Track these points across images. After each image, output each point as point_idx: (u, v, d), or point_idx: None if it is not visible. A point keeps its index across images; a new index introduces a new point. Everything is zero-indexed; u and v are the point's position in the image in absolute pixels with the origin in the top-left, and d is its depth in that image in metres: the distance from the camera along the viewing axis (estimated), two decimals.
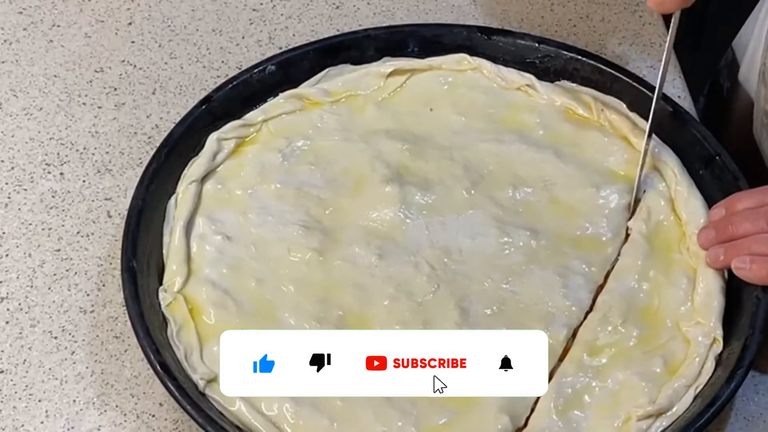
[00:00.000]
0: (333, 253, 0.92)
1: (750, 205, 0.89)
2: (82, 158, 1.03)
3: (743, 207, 0.90)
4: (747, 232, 0.88)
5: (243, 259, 0.92)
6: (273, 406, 0.84)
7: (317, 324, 0.88)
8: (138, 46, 1.12)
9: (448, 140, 1.00)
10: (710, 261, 0.90)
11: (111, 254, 0.97)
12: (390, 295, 0.90)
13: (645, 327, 0.88)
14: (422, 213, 0.95)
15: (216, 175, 0.97)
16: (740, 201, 0.90)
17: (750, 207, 0.89)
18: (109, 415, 0.88)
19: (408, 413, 0.84)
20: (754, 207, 0.89)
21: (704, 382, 0.85)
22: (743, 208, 0.89)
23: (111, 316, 0.93)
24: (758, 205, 0.89)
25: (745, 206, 0.89)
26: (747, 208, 0.89)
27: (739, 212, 0.90)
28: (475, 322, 0.88)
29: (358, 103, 1.03)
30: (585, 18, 1.15)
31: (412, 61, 1.04)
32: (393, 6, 1.16)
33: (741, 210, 0.90)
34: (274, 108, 1.01)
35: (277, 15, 1.15)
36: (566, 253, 0.92)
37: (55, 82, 1.09)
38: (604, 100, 1.02)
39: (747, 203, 0.90)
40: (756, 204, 0.89)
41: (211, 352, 0.87)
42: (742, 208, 0.90)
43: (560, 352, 0.88)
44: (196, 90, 1.08)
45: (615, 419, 0.84)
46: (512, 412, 0.84)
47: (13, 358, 0.91)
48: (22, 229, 0.98)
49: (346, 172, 0.98)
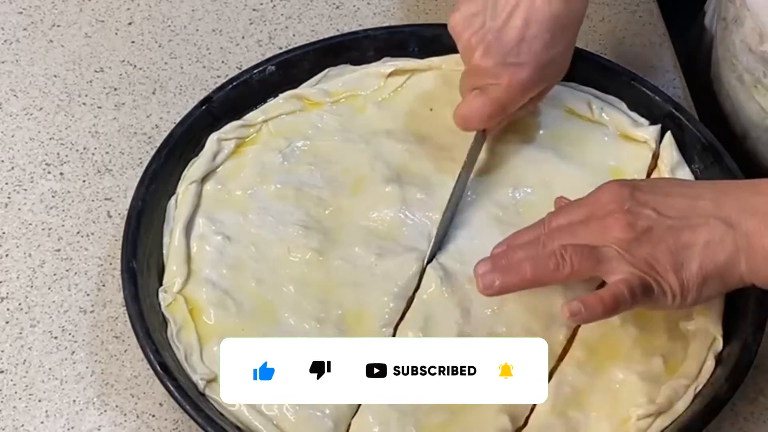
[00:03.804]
0: (333, 253, 0.92)
1: (529, 238, 0.85)
2: (82, 158, 1.03)
3: (522, 241, 0.85)
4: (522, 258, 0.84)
5: (243, 260, 0.92)
6: (273, 406, 0.84)
7: (317, 324, 0.88)
8: (138, 46, 1.12)
9: (448, 140, 1.00)
10: (483, 287, 0.83)
11: (111, 254, 0.97)
12: (390, 294, 0.90)
13: (644, 326, 0.88)
14: (422, 213, 0.95)
15: (216, 176, 0.97)
16: (518, 237, 0.86)
17: (529, 240, 0.85)
18: (109, 415, 0.88)
19: (408, 413, 0.84)
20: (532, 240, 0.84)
21: (704, 381, 0.85)
22: (522, 242, 0.85)
23: (111, 316, 0.93)
24: (536, 238, 0.85)
25: (524, 240, 0.85)
26: (527, 241, 0.85)
27: (517, 245, 0.85)
28: (476, 321, 0.88)
29: (358, 103, 1.03)
30: (585, 18, 1.15)
31: (412, 61, 1.04)
32: (393, 6, 1.16)
33: (520, 243, 0.85)
34: (274, 108, 1.01)
35: (277, 15, 1.15)
36: None
37: (55, 82, 1.09)
38: (604, 100, 1.02)
39: (526, 238, 0.85)
40: (534, 237, 0.85)
41: (211, 352, 0.87)
42: (521, 242, 0.85)
43: (560, 352, 0.88)
44: (196, 90, 1.08)
45: (615, 419, 0.84)
46: (512, 412, 0.84)
47: (13, 358, 0.91)
48: (22, 229, 0.98)
49: (346, 172, 0.98)
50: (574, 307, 0.80)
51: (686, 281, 0.80)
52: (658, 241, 0.80)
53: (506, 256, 0.84)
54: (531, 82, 0.93)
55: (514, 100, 0.94)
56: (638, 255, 0.80)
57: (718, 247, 0.80)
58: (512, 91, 0.93)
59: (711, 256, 0.80)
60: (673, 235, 0.80)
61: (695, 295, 0.81)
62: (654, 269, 0.80)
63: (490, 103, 0.93)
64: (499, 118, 0.95)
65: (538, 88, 0.95)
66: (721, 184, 0.86)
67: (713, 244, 0.80)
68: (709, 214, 0.81)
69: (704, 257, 0.80)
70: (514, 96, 0.93)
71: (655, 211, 0.81)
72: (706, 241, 0.80)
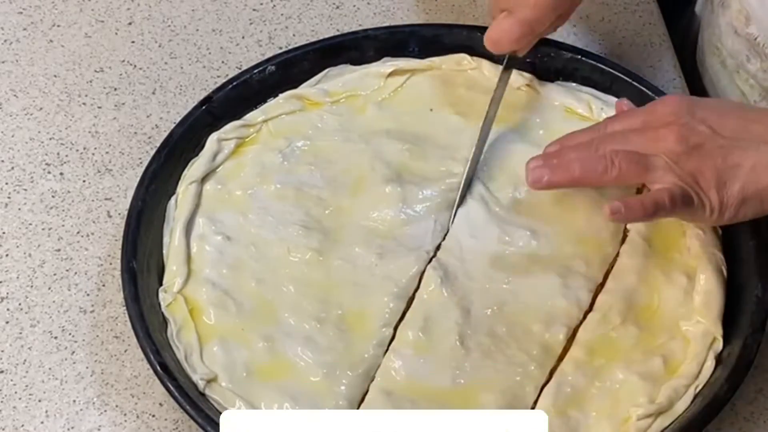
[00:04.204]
0: (333, 253, 0.92)
1: (583, 140, 0.88)
2: (82, 158, 1.03)
3: (576, 143, 0.88)
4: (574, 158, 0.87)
5: (243, 260, 0.92)
6: (273, 406, 0.84)
7: (317, 324, 0.88)
8: (138, 46, 1.12)
9: (448, 140, 1.00)
10: (533, 180, 0.86)
11: (111, 254, 0.97)
12: (390, 294, 0.90)
13: (644, 326, 0.88)
14: (422, 213, 0.95)
15: (216, 176, 0.97)
16: (573, 138, 0.89)
17: (583, 142, 0.88)
18: (109, 415, 0.88)
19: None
20: (586, 142, 0.88)
21: (704, 381, 0.85)
22: (576, 143, 0.88)
23: (111, 316, 0.93)
24: (590, 141, 0.88)
25: (578, 141, 0.88)
26: (580, 143, 0.88)
27: (570, 146, 0.89)
28: (476, 321, 0.88)
29: (358, 103, 1.03)
30: (585, 18, 1.15)
31: (412, 61, 1.04)
32: (393, 6, 1.16)
33: (574, 144, 0.89)
34: (274, 108, 1.01)
35: (277, 15, 1.15)
36: (566, 252, 0.92)
37: (55, 82, 1.09)
38: (605, 100, 1.02)
39: (580, 139, 0.88)
40: (588, 140, 0.88)
41: (211, 352, 0.87)
42: (575, 143, 0.88)
43: (560, 352, 0.88)
44: (196, 90, 1.08)
45: (615, 419, 0.84)
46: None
47: (13, 358, 0.91)
48: (22, 229, 0.98)
49: (346, 172, 0.98)
50: (615, 206, 0.82)
51: (726, 199, 0.83)
52: (707, 157, 0.83)
53: (558, 155, 0.87)
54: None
55: (543, 18, 0.95)
56: (685, 168, 0.83)
57: (763, 172, 0.82)
58: (540, 9, 0.94)
59: (755, 180, 0.83)
60: (723, 153, 0.83)
61: (733, 213, 0.84)
62: (698, 183, 0.83)
63: (518, 24, 0.94)
64: (529, 38, 0.96)
65: (564, 5, 0.96)
66: None
67: (759, 168, 0.83)
68: (761, 139, 0.83)
69: (748, 179, 0.83)
70: (542, 14, 0.95)
71: (709, 128, 0.84)
72: (753, 164, 0.83)
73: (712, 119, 0.85)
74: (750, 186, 0.83)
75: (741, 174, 0.83)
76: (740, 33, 1.01)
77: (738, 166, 0.83)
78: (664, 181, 0.83)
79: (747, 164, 0.83)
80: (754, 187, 0.83)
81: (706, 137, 0.84)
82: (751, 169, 0.83)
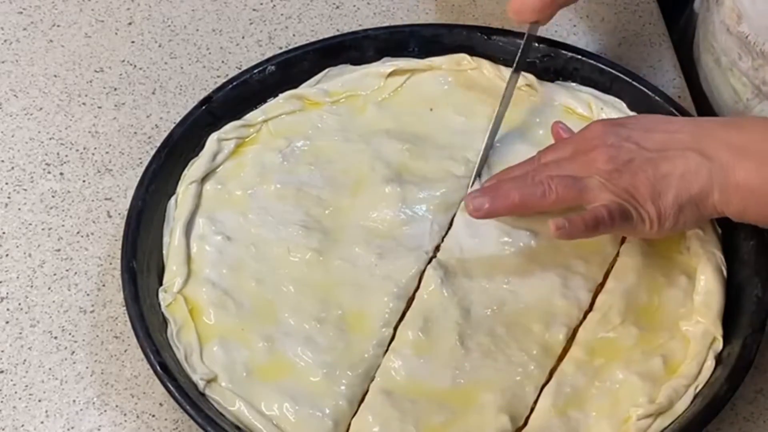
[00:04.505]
0: (333, 253, 0.92)
1: (518, 173, 0.91)
2: (82, 158, 1.03)
3: (512, 176, 0.91)
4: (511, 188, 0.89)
5: (243, 260, 0.92)
6: (273, 406, 0.84)
7: (317, 324, 0.88)
8: (138, 46, 1.12)
9: (448, 140, 1.00)
10: (474, 208, 0.89)
11: (111, 254, 0.97)
12: (390, 294, 0.90)
13: (644, 326, 0.88)
14: (422, 213, 0.95)
15: (216, 176, 0.97)
16: (508, 172, 0.92)
17: (519, 175, 0.90)
18: (109, 415, 0.88)
19: (408, 412, 0.84)
20: (521, 174, 0.90)
21: (704, 381, 0.85)
22: (512, 176, 0.91)
23: (111, 316, 0.93)
24: (525, 173, 0.90)
25: (514, 175, 0.91)
26: (516, 176, 0.90)
27: (507, 179, 0.91)
28: (476, 321, 0.88)
29: (358, 103, 1.03)
30: (585, 18, 1.15)
31: (412, 61, 1.04)
32: (393, 6, 1.16)
33: (510, 177, 0.91)
34: (274, 108, 1.01)
35: (277, 15, 1.15)
36: (566, 252, 0.92)
37: (55, 82, 1.09)
38: (604, 100, 1.02)
39: (515, 173, 0.91)
40: (523, 173, 0.90)
41: (211, 352, 0.87)
42: (511, 176, 0.91)
43: (560, 351, 0.88)
44: (196, 90, 1.08)
45: (615, 419, 0.84)
46: (512, 412, 0.84)
47: (13, 358, 0.91)
48: (22, 229, 0.98)
49: (346, 172, 0.98)
50: (559, 222, 0.84)
51: (663, 209, 0.85)
52: (638, 171, 0.85)
53: (496, 186, 0.90)
54: None
55: None
56: (619, 184, 0.85)
57: (693, 178, 0.85)
58: None
59: (686, 186, 0.85)
60: (652, 166, 0.85)
61: (672, 222, 0.86)
62: (634, 198, 0.85)
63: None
64: (551, 8, 0.98)
65: None
66: (700, 120, 0.92)
67: (689, 175, 0.85)
68: (686, 147, 0.86)
69: (680, 187, 0.85)
70: None
71: (636, 144, 0.87)
72: (682, 171, 0.85)
73: (637, 136, 0.87)
74: (683, 193, 0.85)
75: (672, 182, 0.85)
76: (732, 31, 1.01)
77: (668, 175, 0.85)
78: (600, 199, 0.85)
79: (677, 172, 0.85)
80: (687, 193, 0.85)
81: (634, 153, 0.86)
82: (681, 177, 0.85)
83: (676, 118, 0.94)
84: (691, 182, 0.85)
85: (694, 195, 0.85)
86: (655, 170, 0.85)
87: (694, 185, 0.85)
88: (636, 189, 0.85)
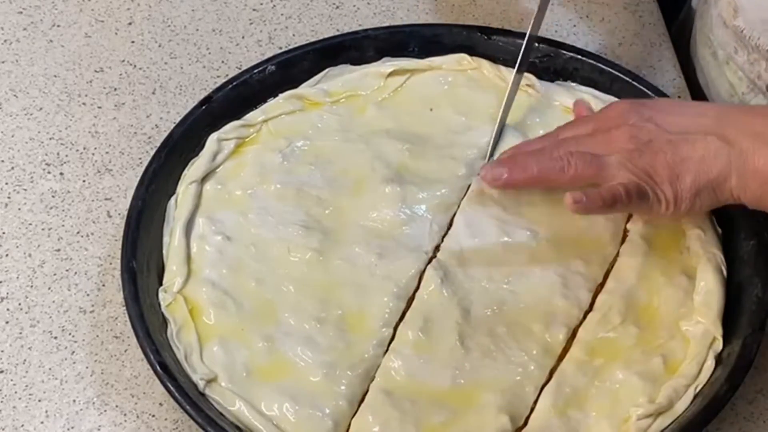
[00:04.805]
0: (333, 252, 0.92)
1: (537, 147, 0.91)
2: (82, 158, 1.03)
3: (530, 149, 0.91)
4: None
5: (243, 260, 0.92)
6: (273, 406, 0.84)
7: (317, 324, 0.88)
8: (138, 46, 1.12)
9: (448, 140, 1.00)
10: (492, 178, 0.90)
11: (111, 254, 0.97)
12: (390, 294, 0.90)
13: (644, 326, 0.88)
14: (422, 213, 0.95)
15: (216, 176, 0.97)
16: (526, 146, 0.93)
17: (537, 149, 0.91)
18: (109, 415, 0.88)
19: (408, 412, 0.84)
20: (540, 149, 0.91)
21: (704, 381, 0.85)
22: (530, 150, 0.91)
23: (111, 316, 0.93)
24: (543, 147, 0.90)
25: (532, 148, 0.91)
26: (534, 149, 0.91)
27: (525, 151, 0.92)
28: (476, 321, 0.88)
29: (358, 103, 1.03)
30: (585, 18, 1.16)
31: (412, 61, 1.04)
32: (393, 6, 1.16)
33: (528, 151, 0.91)
34: (274, 108, 1.01)
35: (277, 15, 1.15)
36: (566, 252, 0.92)
37: (55, 82, 1.09)
38: (604, 100, 1.02)
39: (533, 146, 0.92)
40: (541, 147, 0.91)
41: (211, 352, 0.87)
42: (529, 150, 0.91)
43: (560, 351, 0.88)
44: (196, 90, 1.08)
45: (615, 419, 0.84)
46: (512, 412, 0.84)
47: (13, 358, 0.91)
48: (22, 229, 0.98)
49: (346, 172, 0.98)
50: (577, 196, 0.85)
51: (680, 192, 0.86)
52: (658, 152, 0.86)
53: (514, 158, 0.91)
54: None
55: None
56: (638, 164, 0.86)
57: (712, 162, 0.85)
58: None
59: (705, 170, 0.85)
60: (672, 148, 0.86)
61: (688, 205, 0.86)
62: (652, 178, 0.86)
63: None
64: None
65: None
66: (724, 106, 0.93)
67: (708, 159, 0.85)
68: (707, 131, 0.86)
69: (699, 171, 0.85)
70: None
71: (657, 126, 0.87)
72: (701, 155, 0.85)
73: (659, 117, 0.88)
74: (701, 177, 0.85)
75: (691, 166, 0.85)
76: (729, 24, 1.02)
77: (688, 158, 0.85)
78: (618, 177, 0.86)
79: (696, 156, 0.85)
80: (705, 177, 0.85)
81: (655, 134, 0.87)
82: (700, 160, 0.85)
83: (699, 103, 0.95)
84: (710, 166, 0.85)
85: (712, 179, 0.85)
86: (674, 152, 0.85)
87: (712, 169, 0.85)
88: (654, 170, 0.86)
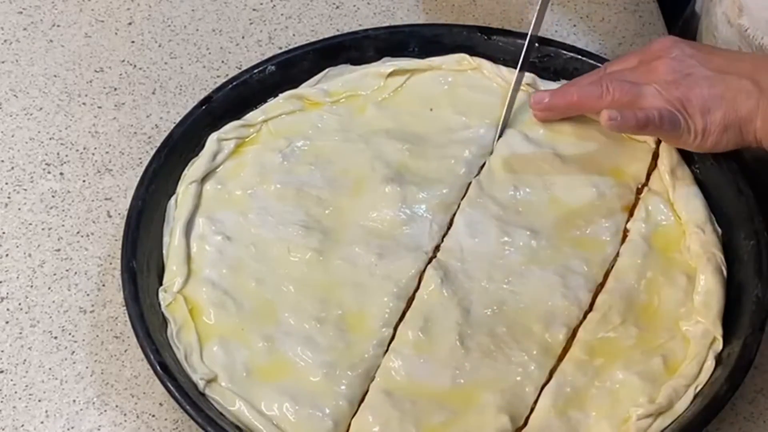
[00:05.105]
0: (333, 252, 0.92)
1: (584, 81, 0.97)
2: (82, 158, 1.03)
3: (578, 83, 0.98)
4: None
5: (243, 260, 0.92)
6: (273, 406, 0.84)
7: (317, 324, 0.88)
8: (138, 46, 1.12)
9: (448, 140, 1.00)
10: (534, 101, 0.98)
11: (111, 254, 0.97)
12: (390, 294, 0.90)
13: (644, 326, 0.88)
14: (422, 213, 0.95)
15: (216, 176, 0.97)
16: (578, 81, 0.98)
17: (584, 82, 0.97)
18: (109, 415, 0.88)
19: (408, 412, 0.84)
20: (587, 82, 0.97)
21: (704, 381, 0.85)
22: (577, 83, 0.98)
23: (111, 316, 0.93)
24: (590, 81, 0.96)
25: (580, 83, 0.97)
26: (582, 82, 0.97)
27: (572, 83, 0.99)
28: (476, 321, 0.88)
29: (358, 103, 1.03)
30: (585, 18, 1.16)
31: (412, 61, 1.04)
32: (393, 6, 1.16)
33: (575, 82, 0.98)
34: (274, 108, 1.01)
35: (277, 15, 1.15)
36: (566, 252, 0.92)
37: (55, 82, 1.09)
38: None
39: (582, 81, 0.97)
40: (589, 81, 0.96)
41: (211, 352, 0.87)
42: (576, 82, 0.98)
43: (560, 351, 0.88)
44: (196, 90, 1.08)
45: (615, 419, 0.84)
46: (512, 412, 0.84)
47: (13, 358, 0.91)
48: (22, 229, 0.98)
49: (346, 172, 0.98)
50: (613, 113, 0.90)
51: (710, 125, 0.91)
52: (694, 86, 0.92)
53: (559, 88, 0.99)
54: None
55: None
56: (674, 94, 0.92)
57: (743, 102, 0.91)
58: None
59: (734, 108, 0.91)
60: (708, 83, 0.92)
61: (716, 139, 0.92)
62: (685, 108, 0.91)
63: None
64: None
65: None
66: (761, 56, 0.99)
67: (740, 98, 0.91)
68: (743, 74, 0.92)
69: (729, 108, 0.91)
70: None
71: (697, 62, 0.93)
72: (734, 94, 0.91)
73: (700, 55, 0.94)
74: (731, 114, 0.91)
75: (723, 103, 0.91)
76: (733, 23, 1.02)
77: (721, 95, 0.91)
78: (654, 104, 0.91)
79: (729, 95, 0.91)
80: (734, 115, 0.91)
81: (694, 69, 0.93)
82: (732, 99, 0.91)
83: (741, 52, 1.00)
84: (740, 105, 0.91)
85: (741, 117, 0.91)
86: (710, 88, 0.91)
87: (742, 108, 0.91)
88: (689, 101, 0.91)
